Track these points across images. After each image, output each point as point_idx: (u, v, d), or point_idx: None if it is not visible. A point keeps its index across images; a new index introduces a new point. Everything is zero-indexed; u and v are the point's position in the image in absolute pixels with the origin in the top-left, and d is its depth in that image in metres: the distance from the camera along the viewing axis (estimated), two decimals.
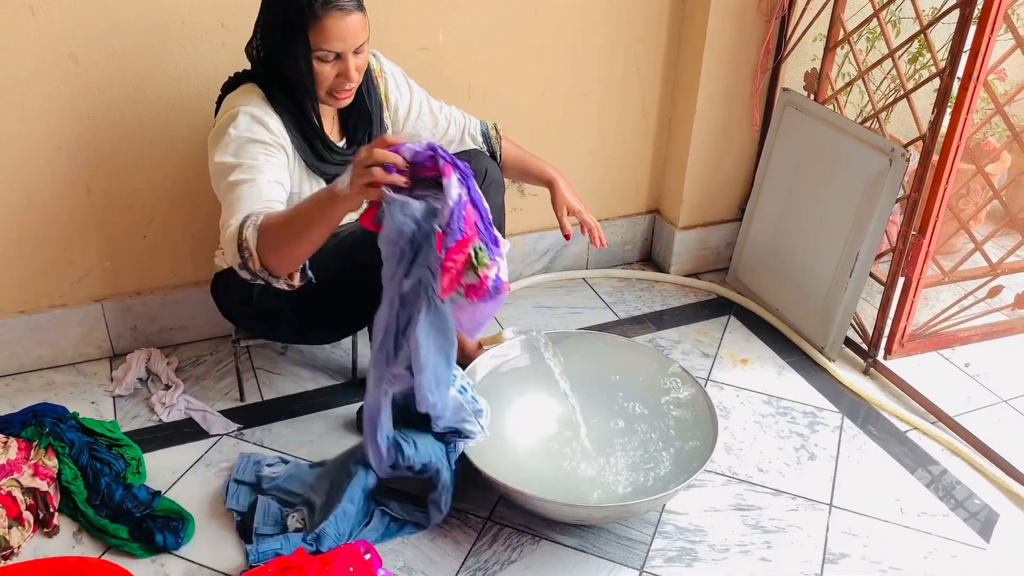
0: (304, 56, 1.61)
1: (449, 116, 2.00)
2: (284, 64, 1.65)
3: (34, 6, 1.84)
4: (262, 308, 1.85)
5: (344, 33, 1.60)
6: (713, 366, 2.32)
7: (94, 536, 1.73)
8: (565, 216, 2.00)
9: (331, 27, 1.58)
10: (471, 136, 2.04)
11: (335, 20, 1.58)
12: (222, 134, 1.64)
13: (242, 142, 1.63)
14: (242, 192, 1.58)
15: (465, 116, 2.04)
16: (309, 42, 1.59)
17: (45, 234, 2.08)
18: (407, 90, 1.93)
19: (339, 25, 1.59)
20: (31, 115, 1.94)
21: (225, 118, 1.65)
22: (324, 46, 1.60)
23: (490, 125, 2.08)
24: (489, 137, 2.06)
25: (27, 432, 1.84)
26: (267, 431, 2.03)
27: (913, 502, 1.89)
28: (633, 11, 2.41)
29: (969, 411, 2.18)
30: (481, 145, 2.05)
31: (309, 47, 1.60)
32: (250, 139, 1.63)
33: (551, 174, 2.04)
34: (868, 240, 2.20)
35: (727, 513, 1.85)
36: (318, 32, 1.58)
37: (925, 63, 2.50)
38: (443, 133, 2.01)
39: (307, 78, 1.63)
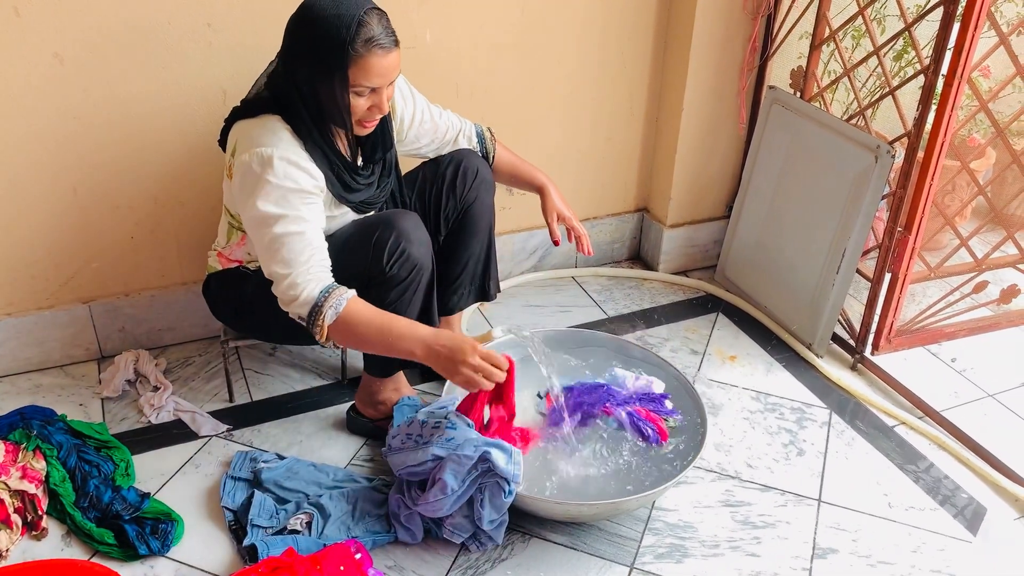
0: (342, 91, 1.59)
1: (448, 121, 2.01)
2: (316, 96, 1.62)
3: (18, 6, 1.83)
4: (254, 310, 1.85)
5: (384, 70, 1.60)
6: (702, 363, 2.33)
7: (81, 539, 1.72)
8: (555, 222, 2.02)
9: (373, 65, 1.58)
10: (467, 138, 2.05)
11: (377, 58, 1.57)
12: (259, 180, 1.61)
13: (284, 192, 1.61)
14: (294, 246, 1.62)
15: (460, 120, 2.05)
16: (348, 78, 1.58)
17: (31, 236, 2.06)
18: (411, 99, 1.92)
19: (380, 63, 1.58)
20: (16, 115, 1.93)
21: (256, 160, 1.61)
22: (364, 83, 1.59)
23: (484, 128, 2.09)
24: (484, 139, 2.07)
25: (15, 435, 1.83)
26: (257, 432, 2.02)
27: (901, 497, 1.90)
28: (620, 9, 2.42)
29: (956, 406, 2.19)
30: (476, 147, 2.06)
31: (347, 82, 1.58)
32: (291, 188, 1.62)
33: (542, 180, 2.06)
34: (855, 237, 2.21)
35: (716, 509, 1.85)
36: (359, 69, 1.57)
37: (910, 60, 2.51)
38: (442, 137, 2.01)
39: (343, 111, 1.62)
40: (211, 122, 2.09)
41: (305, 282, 1.62)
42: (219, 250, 1.89)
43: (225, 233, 1.86)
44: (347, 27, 1.54)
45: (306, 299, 1.62)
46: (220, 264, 1.88)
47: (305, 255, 1.63)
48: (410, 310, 1.81)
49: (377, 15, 1.59)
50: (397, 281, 1.75)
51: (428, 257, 1.79)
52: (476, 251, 2.07)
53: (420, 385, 2.17)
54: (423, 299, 1.83)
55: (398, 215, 1.77)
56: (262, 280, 1.85)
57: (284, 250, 1.62)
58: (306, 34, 1.58)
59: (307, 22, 1.58)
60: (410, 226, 1.75)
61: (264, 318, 1.88)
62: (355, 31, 1.54)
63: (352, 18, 1.55)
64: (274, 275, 1.65)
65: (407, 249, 1.73)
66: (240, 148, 1.65)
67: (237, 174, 1.64)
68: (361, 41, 1.55)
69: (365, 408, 2.01)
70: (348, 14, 1.55)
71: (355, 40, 1.55)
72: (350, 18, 1.55)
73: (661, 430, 1.88)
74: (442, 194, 1.99)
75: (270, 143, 1.62)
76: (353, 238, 1.78)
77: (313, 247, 1.64)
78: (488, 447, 1.64)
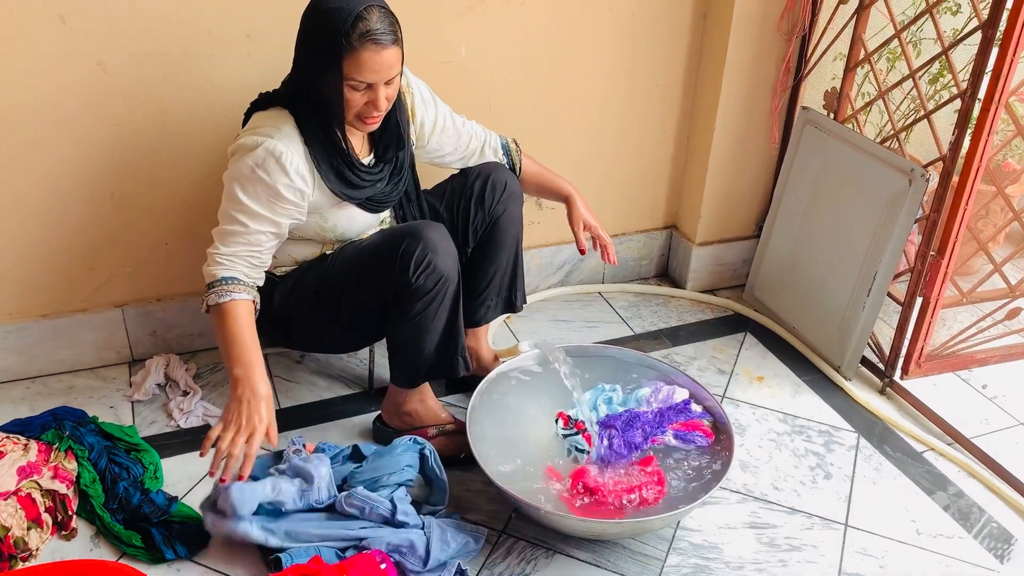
0: (336, 83, 1.62)
1: (471, 131, 2.02)
2: (315, 87, 1.66)
3: (64, 14, 1.86)
4: (282, 316, 1.86)
5: (377, 66, 1.61)
6: (729, 383, 2.32)
7: (110, 540, 1.74)
8: (581, 231, 2.04)
9: (366, 59, 1.59)
10: (492, 149, 2.07)
11: (370, 53, 1.59)
12: (246, 166, 1.66)
13: (259, 185, 1.67)
14: (240, 233, 1.70)
15: (486, 131, 2.06)
16: (342, 70, 1.60)
17: (68, 239, 2.10)
18: (432, 105, 1.94)
19: (374, 58, 1.60)
20: (59, 121, 1.97)
21: (250, 144, 1.66)
22: (357, 76, 1.61)
23: (510, 140, 2.10)
24: (509, 151, 2.09)
25: (47, 435, 1.86)
26: (283, 439, 2.03)
27: (929, 523, 1.88)
28: (654, 27, 2.43)
29: (986, 433, 2.17)
30: (502, 159, 2.07)
31: (342, 75, 1.61)
32: (268, 186, 1.67)
33: (568, 190, 2.08)
34: (886, 260, 2.20)
35: (742, 531, 1.84)
36: (352, 63, 1.59)
37: (946, 84, 2.50)
38: (465, 146, 2.02)
39: (337, 104, 1.65)
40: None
41: (222, 262, 1.70)
42: None
43: None
44: (345, 20, 1.57)
45: (210, 274, 1.71)
46: None
47: (241, 246, 1.70)
48: (435, 322, 1.81)
49: (379, 11, 1.60)
50: (423, 292, 1.76)
51: (454, 269, 1.80)
52: (503, 263, 2.08)
53: (446, 397, 2.18)
54: (449, 311, 1.84)
55: (425, 226, 1.78)
56: (289, 288, 1.87)
57: (231, 230, 1.70)
58: (310, 26, 1.64)
59: (313, 14, 1.64)
60: (436, 237, 1.76)
61: (291, 326, 1.90)
62: (352, 24, 1.57)
63: (351, 12, 1.57)
64: (214, 234, 1.74)
65: (433, 260, 1.74)
66: (243, 131, 1.72)
67: (233, 148, 1.71)
68: (357, 34, 1.57)
69: (391, 419, 2.01)
70: (348, 7, 1.58)
71: (351, 33, 1.57)
72: (349, 11, 1.57)
73: (706, 432, 1.90)
74: (470, 206, 2.00)
75: (270, 134, 1.67)
76: (379, 248, 1.79)
77: (252, 245, 1.71)
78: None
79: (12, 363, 2.17)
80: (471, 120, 2.05)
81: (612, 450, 1.86)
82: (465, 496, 1.89)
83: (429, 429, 1.98)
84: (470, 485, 1.91)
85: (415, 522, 1.72)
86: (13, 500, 1.68)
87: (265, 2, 2.00)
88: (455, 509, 1.85)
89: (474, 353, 2.20)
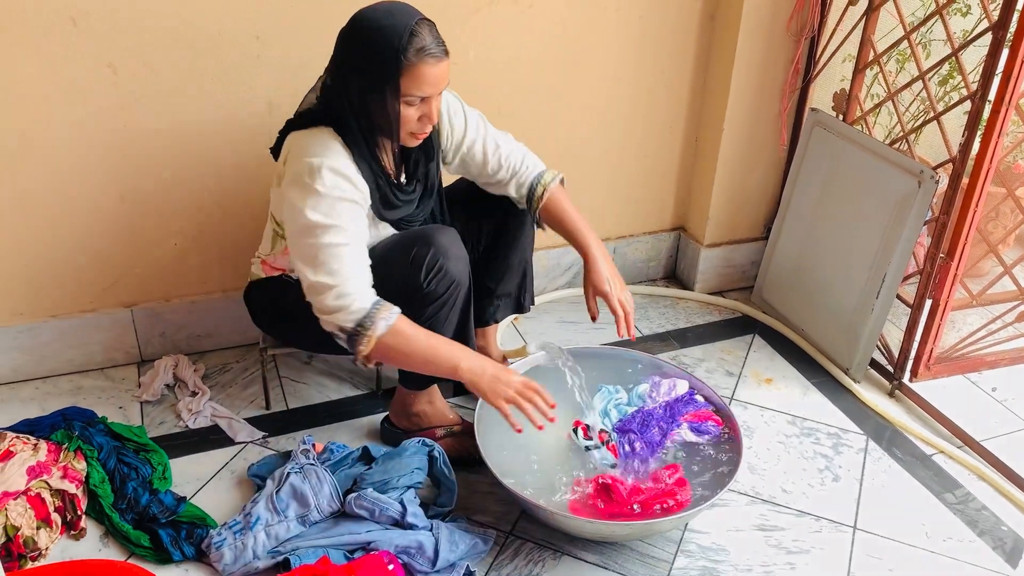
0: (392, 100, 1.61)
1: (503, 160, 1.93)
2: (365, 106, 1.65)
3: (75, 17, 1.87)
4: (295, 319, 1.87)
5: (435, 79, 1.62)
6: (737, 385, 2.31)
7: (118, 540, 1.75)
8: (592, 298, 1.91)
9: (424, 74, 1.59)
10: (517, 186, 1.96)
11: (428, 67, 1.59)
12: (308, 189, 1.62)
13: (332, 201, 1.63)
14: (342, 256, 1.63)
15: (523, 162, 1.95)
16: (400, 88, 1.60)
17: (78, 240, 2.11)
18: (462, 121, 1.90)
19: (432, 72, 1.60)
20: (69, 123, 1.97)
21: (306, 169, 1.62)
22: (415, 92, 1.61)
23: (547, 178, 1.96)
24: (533, 197, 1.95)
25: (57, 435, 1.86)
26: (291, 439, 2.04)
27: (939, 527, 1.87)
28: (662, 28, 2.42)
29: (996, 436, 2.16)
30: (522, 197, 1.97)
31: (399, 92, 1.60)
32: (340, 198, 1.64)
33: (587, 245, 1.92)
34: (895, 262, 2.19)
35: (750, 533, 1.84)
36: (411, 78, 1.59)
37: (955, 85, 2.49)
38: (490, 176, 1.95)
39: (393, 121, 1.64)
40: (257, 132, 2.12)
41: (355, 292, 1.62)
42: (263, 258, 1.91)
43: (270, 240, 1.88)
44: (399, 37, 1.56)
45: (357, 310, 1.62)
46: (263, 272, 1.91)
47: (353, 267, 1.64)
48: (447, 326, 1.81)
49: (427, 25, 1.61)
50: (434, 297, 1.76)
51: (466, 273, 1.80)
52: (514, 264, 2.08)
53: (453, 399, 2.18)
54: (460, 315, 1.84)
55: (436, 230, 1.78)
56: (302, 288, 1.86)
57: (332, 260, 1.62)
58: (358, 45, 1.61)
59: (359, 33, 1.61)
60: (448, 241, 1.76)
61: (304, 328, 1.89)
62: (407, 40, 1.56)
63: (404, 28, 1.57)
64: (317, 285, 1.64)
65: (444, 265, 1.74)
66: (291, 158, 1.67)
67: (286, 182, 1.67)
68: (413, 50, 1.57)
69: (399, 420, 2.02)
70: (400, 24, 1.57)
71: (407, 49, 1.57)
72: (402, 28, 1.57)
73: (716, 420, 1.92)
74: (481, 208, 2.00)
75: (320, 153, 1.63)
76: (391, 253, 1.79)
77: (360, 260, 1.66)
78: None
79: (22, 363, 2.18)
80: (517, 143, 1.96)
81: (636, 455, 1.86)
82: (473, 497, 1.89)
83: (437, 430, 1.99)
84: (478, 487, 1.91)
85: (424, 524, 1.72)
86: (23, 500, 1.69)
87: (274, 4, 2.00)
88: (463, 510, 1.85)
89: (482, 353, 2.19)
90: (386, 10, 1.61)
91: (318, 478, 1.75)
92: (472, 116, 1.92)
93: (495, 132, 1.94)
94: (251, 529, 1.68)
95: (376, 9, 1.62)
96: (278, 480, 1.77)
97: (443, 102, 1.88)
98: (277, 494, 1.74)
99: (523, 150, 1.97)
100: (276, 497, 1.73)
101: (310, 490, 1.73)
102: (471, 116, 1.91)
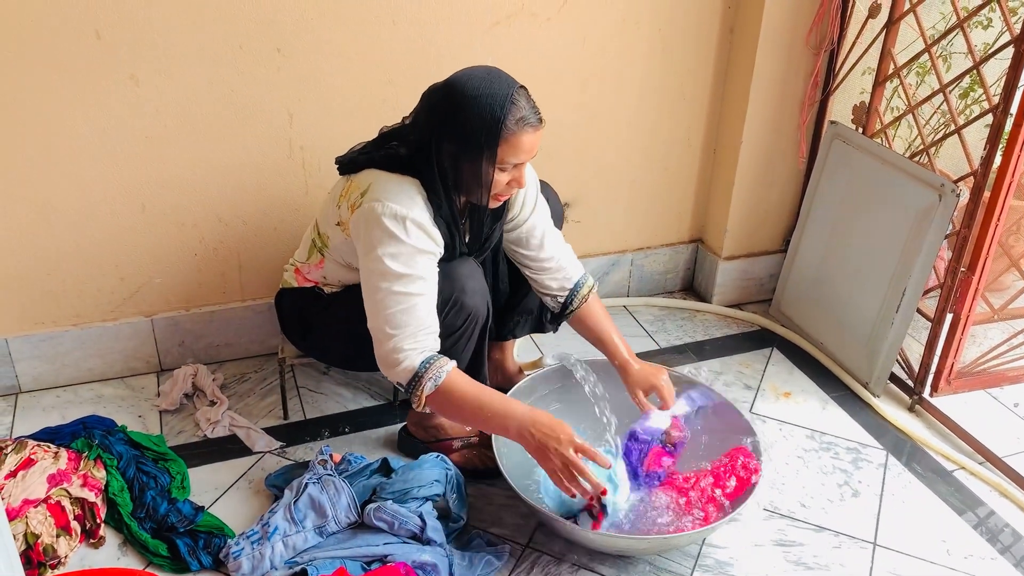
0: (488, 167, 1.63)
1: (553, 259, 1.93)
2: (458, 170, 1.66)
3: (100, 30, 1.89)
4: (323, 332, 1.87)
5: (531, 147, 1.64)
6: (756, 399, 2.30)
7: (137, 549, 1.75)
8: (641, 396, 1.89)
9: (523, 142, 1.62)
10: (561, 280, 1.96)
11: (527, 136, 1.61)
12: (390, 236, 1.62)
13: (413, 252, 1.64)
14: (408, 309, 1.64)
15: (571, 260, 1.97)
16: (497, 155, 1.61)
17: (99, 250, 2.13)
18: (533, 199, 1.90)
19: (529, 140, 1.62)
20: (91, 134, 2.00)
21: (389, 216, 1.62)
22: (511, 159, 1.63)
23: (591, 282, 1.99)
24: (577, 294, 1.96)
25: (77, 443, 1.88)
26: (309, 449, 2.05)
27: (960, 544, 1.85)
28: (682, 41, 2.43)
29: (1018, 452, 2.13)
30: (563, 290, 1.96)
31: (495, 159, 1.62)
32: (420, 250, 1.65)
33: (626, 357, 1.92)
34: (916, 275, 2.18)
35: (768, 548, 1.82)
36: (509, 146, 1.61)
37: (976, 98, 2.48)
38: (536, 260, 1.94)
39: (485, 186, 1.66)
40: (277, 144, 2.14)
41: (409, 349, 1.64)
42: (297, 266, 1.93)
43: (307, 250, 1.90)
44: (500, 106, 1.58)
45: (407, 368, 1.64)
46: (296, 281, 1.92)
47: (415, 321, 1.64)
48: (464, 353, 1.81)
49: (525, 94, 1.63)
50: (452, 330, 1.76)
51: (483, 305, 1.80)
52: None
53: None
54: (476, 343, 1.84)
55: (458, 264, 1.77)
56: (333, 303, 1.87)
57: (397, 311, 1.63)
58: (457, 112, 1.61)
59: (459, 100, 1.61)
60: (466, 275, 1.76)
61: (329, 341, 1.90)
62: (508, 110, 1.59)
63: (505, 97, 1.59)
64: (379, 332, 1.66)
65: (460, 299, 1.75)
66: (373, 195, 1.66)
67: (362, 218, 1.66)
68: (513, 120, 1.59)
69: (417, 430, 2.02)
70: (501, 93, 1.59)
71: (507, 118, 1.59)
72: (503, 97, 1.59)
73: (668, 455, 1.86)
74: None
75: (406, 204, 1.64)
76: None
77: (425, 313, 1.66)
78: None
79: (43, 372, 2.20)
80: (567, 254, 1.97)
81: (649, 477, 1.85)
82: (489, 510, 1.89)
83: (454, 442, 1.99)
84: (495, 498, 1.91)
85: (441, 539, 1.72)
86: (43, 507, 1.70)
87: (295, 18, 2.02)
88: (479, 523, 1.85)
89: (499, 365, 2.20)
90: (483, 77, 1.62)
91: (336, 489, 1.75)
92: (542, 201, 1.93)
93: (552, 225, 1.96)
94: (269, 539, 1.68)
95: (473, 76, 1.63)
96: (296, 490, 1.77)
97: (529, 176, 1.88)
98: (295, 504, 1.74)
99: (570, 249, 1.98)
100: (294, 507, 1.73)
101: (328, 501, 1.73)
102: (541, 200, 1.93)
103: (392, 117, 1.89)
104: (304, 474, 1.82)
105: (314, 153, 2.19)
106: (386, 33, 2.11)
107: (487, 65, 1.68)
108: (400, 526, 1.70)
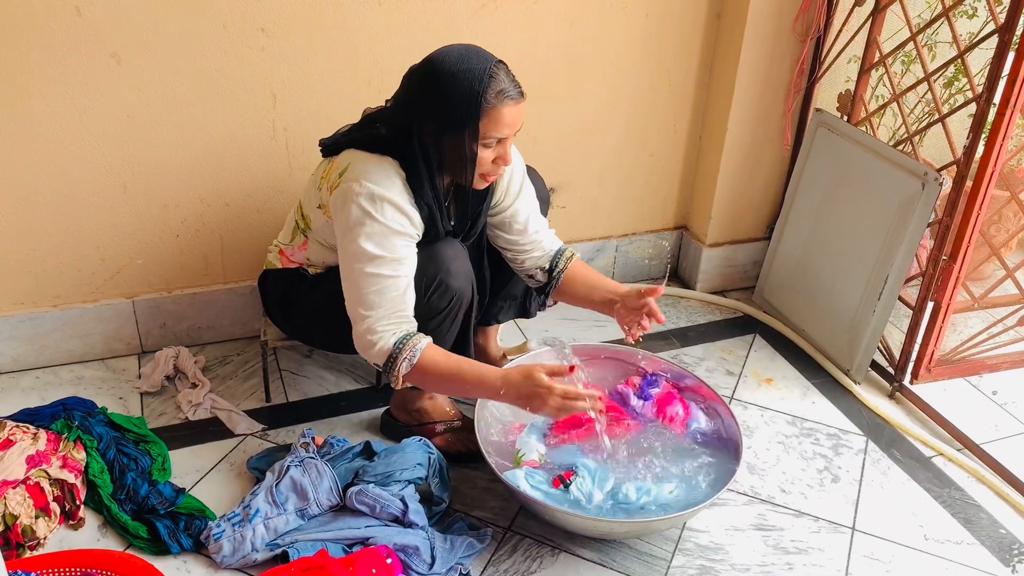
0: (471, 143, 1.62)
1: (535, 241, 1.94)
2: (440, 149, 1.65)
3: (80, 7, 1.87)
4: (305, 313, 1.87)
5: (513, 120, 1.63)
6: (737, 385, 2.31)
7: (116, 531, 1.75)
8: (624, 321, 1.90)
9: (504, 116, 1.61)
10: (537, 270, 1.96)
11: (508, 108, 1.61)
12: (364, 216, 1.62)
13: (387, 233, 1.64)
14: (382, 289, 1.65)
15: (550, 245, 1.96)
16: (479, 130, 1.60)
17: (80, 230, 2.11)
18: (519, 184, 1.89)
19: (511, 112, 1.62)
20: (72, 113, 1.97)
21: (365, 196, 1.62)
22: (494, 133, 1.62)
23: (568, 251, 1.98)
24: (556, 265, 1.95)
25: (57, 425, 1.86)
26: (291, 432, 2.04)
27: (937, 529, 1.87)
28: (668, 27, 2.42)
29: (996, 439, 2.16)
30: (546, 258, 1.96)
31: (478, 134, 1.61)
32: (395, 231, 1.64)
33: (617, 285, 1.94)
34: (898, 263, 2.19)
35: (748, 533, 1.84)
36: (490, 121, 1.60)
37: (961, 87, 2.48)
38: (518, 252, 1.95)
39: (469, 163, 1.65)
40: (260, 125, 2.12)
41: (383, 331, 1.65)
42: (281, 247, 1.92)
43: (290, 231, 1.89)
44: (479, 80, 1.58)
45: (381, 349, 1.65)
46: (280, 262, 1.91)
47: (388, 303, 1.65)
48: (448, 335, 1.81)
49: (504, 68, 1.63)
50: (436, 312, 1.76)
51: (468, 287, 1.79)
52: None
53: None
54: (461, 325, 1.84)
55: (443, 246, 1.77)
56: (317, 284, 1.86)
57: (372, 292, 1.64)
58: (435, 88, 1.60)
59: (437, 78, 1.60)
60: (450, 257, 1.75)
61: (313, 323, 1.90)
62: (487, 83, 1.58)
63: (483, 71, 1.58)
64: (355, 315, 1.67)
65: (445, 281, 1.74)
66: (352, 175, 1.65)
67: (340, 198, 1.66)
68: (493, 93, 1.59)
69: (399, 413, 2.02)
70: (479, 68, 1.58)
71: (487, 92, 1.58)
72: (481, 71, 1.58)
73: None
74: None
75: (384, 185, 1.63)
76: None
77: (400, 293, 1.66)
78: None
79: (22, 352, 2.18)
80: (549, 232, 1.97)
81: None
82: (471, 493, 1.89)
83: (437, 425, 1.99)
84: (477, 482, 1.92)
85: (423, 523, 1.72)
86: (22, 489, 1.69)
87: None
88: (461, 506, 1.85)
89: (482, 351, 2.20)
90: (461, 53, 1.61)
91: (318, 472, 1.75)
92: (528, 186, 1.92)
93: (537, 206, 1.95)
94: (250, 521, 1.68)
95: (450, 53, 1.62)
96: (278, 473, 1.77)
97: (514, 160, 1.87)
98: (276, 487, 1.74)
99: (553, 233, 1.98)
100: (275, 490, 1.73)
101: (310, 484, 1.73)
102: (528, 185, 1.92)
103: (377, 99, 1.88)
104: (286, 457, 1.82)
105: (298, 134, 2.17)
106: (372, 14, 2.09)
107: (465, 43, 1.67)
108: (382, 509, 1.70)
